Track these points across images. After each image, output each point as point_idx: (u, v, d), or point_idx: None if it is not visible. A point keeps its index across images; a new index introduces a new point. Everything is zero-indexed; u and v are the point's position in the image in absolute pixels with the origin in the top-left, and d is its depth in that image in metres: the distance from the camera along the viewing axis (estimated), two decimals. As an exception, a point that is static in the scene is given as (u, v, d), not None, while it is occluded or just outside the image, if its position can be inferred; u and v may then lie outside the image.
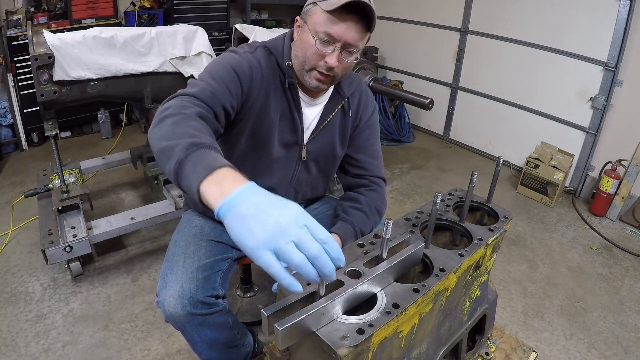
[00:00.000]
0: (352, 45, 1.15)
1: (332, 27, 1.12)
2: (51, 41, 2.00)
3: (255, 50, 1.27)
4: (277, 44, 1.28)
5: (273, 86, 1.26)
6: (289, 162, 1.38)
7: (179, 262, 1.26)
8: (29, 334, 1.89)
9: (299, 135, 1.34)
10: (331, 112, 1.35)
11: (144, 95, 2.37)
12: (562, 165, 3.26)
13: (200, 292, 1.21)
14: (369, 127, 1.44)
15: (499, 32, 3.71)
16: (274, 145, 1.31)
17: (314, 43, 1.14)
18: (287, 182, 1.41)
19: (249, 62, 1.22)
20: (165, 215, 2.36)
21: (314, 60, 1.17)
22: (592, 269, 2.59)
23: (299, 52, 1.21)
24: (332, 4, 1.09)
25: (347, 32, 1.12)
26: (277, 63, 1.26)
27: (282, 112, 1.29)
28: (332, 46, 1.14)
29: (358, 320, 0.86)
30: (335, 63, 1.15)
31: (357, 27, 1.13)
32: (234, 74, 1.18)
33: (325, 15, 1.11)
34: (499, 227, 1.22)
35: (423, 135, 4.56)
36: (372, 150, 1.46)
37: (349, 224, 1.35)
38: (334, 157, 1.43)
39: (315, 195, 1.55)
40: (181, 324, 1.22)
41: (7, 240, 2.48)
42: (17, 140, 3.55)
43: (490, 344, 1.47)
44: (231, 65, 1.19)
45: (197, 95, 1.09)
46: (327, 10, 1.10)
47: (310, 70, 1.20)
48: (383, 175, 1.49)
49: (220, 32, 4.22)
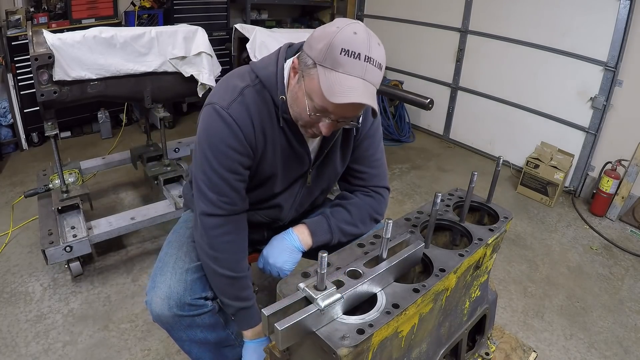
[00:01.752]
0: (350, 118, 1.06)
1: (330, 105, 0.99)
2: (51, 41, 2.00)
3: (241, 94, 1.12)
4: (269, 75, 1.13)
5: (269, 126, 1.16)
6: (292, 190, 1.33)
7: (169, 263, 1.26)
8: (29, 334, 1.89)
9: (305, 166, 1.27)
10: (334, 135, 1.25)
11: (144, 95, 2.37)
12: (562, 165, 3.25)
13: (188, 294, 1.21)
14: (369, 137, 1.34)
15: (499, 32, 3.71)
16: (277, 182, 1.26)
17: (307, 111, 1.03)
18: (288, 206, 1.37)
19: (236, 122, 1.10)
20: (165, 215, 2.37)
21: (307, 123, 1.08)
22: (592, 269, 2.59)
23: (292, 104, 1.09)
24: (333, 94, 0.94)
25: (346, 113, 1.02)
26: (272, 98, 1.14)
27: (283, 148, 1.20)
28: (327, 118, 1.04)
29: (358, 320, 0.86)
30: (329, 133, 1.07)
31: (358, 108, 1.03)
32: (229, 151, 1.11)
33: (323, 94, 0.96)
34: (499, 227, 1.22)
35: (423, 135, 4.56)
36: (372, 160, 1.37)
37: (325, 218, 1.33)
38: (335, 176, 1.38)
39: (314, 207, 1.52)
40: (168, 325, 1.23)
41: (7, 240, 2.48)
42: (17, 140, 3.55)
43: (490, 344, 1.47)
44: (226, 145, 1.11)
45: (223, 212, 1.18)
46: (328, 98, 0.95)
47: (303, 126, 1.11)
48: (385, 184, 1.42)
49: (220, 32, 4.22)
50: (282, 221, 1.41)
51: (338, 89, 0.94)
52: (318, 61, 0.97)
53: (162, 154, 2.73)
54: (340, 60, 0.95)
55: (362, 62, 0.95)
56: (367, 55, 0.96)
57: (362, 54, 0.95)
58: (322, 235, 1.31)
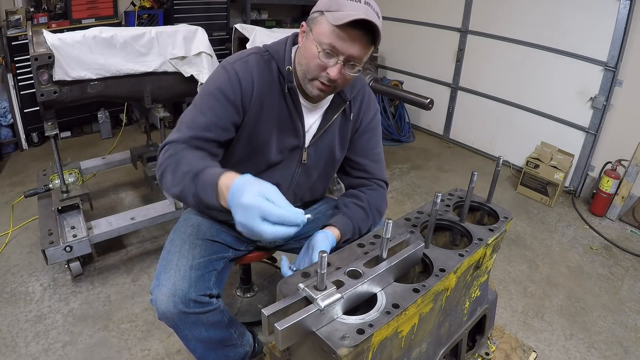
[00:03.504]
0: (356, 58, 1.14)
1: (336, 40, 1.11)
2: (51, 41, 2.00)
3: (247, 57, 1.25)
4: (278, 48, 1.27)
5: (269, 92, 1.25)
6: (288, 166, 1.37)
7: (173, 261, 1.27)
8: (29, 334, 1.89)
9: (300, 139, 1.33)
10: (332, 116, 1.34)
11: (144, 95, 2.37)
12: (562, 165, 3.26)
13: (193, 291, 1.21)
14: (370, 131, 1.43)
15: (499, 32, 3.71)
16: (271, 152, 1.31)
17: (317, 54, 1.14)
18: (286, 185, 1.40)
19: (237, 75, 1.21)
20: (165, 215, 2.37)
21: (316, 71, 1.17)
22: (592, 269, 2.59)
23: (302, 59, 1.20)
24: (339, 19, 1.08)
25: (352, 46, 1.12)
26: (279, 68, 1.25)
27: (281, 117, 1.28)
28: (335, 59, 1.13)
29: (358, 320, 0.86)
30: (337, 76, 1.15)
31: (362, 41, 1.12)
32: (221, 97, 1.20)
33: (330, 27, 1.10)
34: (499, 227, 1.22)
35: (423, 135, 4.56)
36: (373, 154, 1.44)
37: (349, 218, 1.34)
38: (333, 160, 1.42)
39: (314, 198, 1.55)
40: (174, 322, 1.23)
41: (7, 240, 2.48)
42: (17, 140, 3.55)
43: (490, 344, 1.47)
44: (218, 88, 1.21)
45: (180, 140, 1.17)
46: (334, 24, 1.09)
47: (312, 79, 1.19)
48: (385, 178, 1.48)
49: (220, 32, 4.22)
50: None
51: (343, 17, 1.08)
52: (325, 9, 1.12)
53: (162, 154, 2.72)
54: (343, 2, 1.10)
55: (363, 4, 1.09)
56: (366, 1, 1.11)
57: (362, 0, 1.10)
58: (347, 235, 1.32)
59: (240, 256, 1.52)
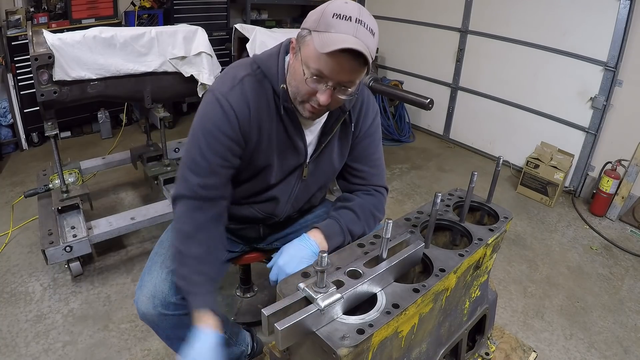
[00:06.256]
0: (347, 83, 1.05)
1: (324, 67, 1.01)
2: (51, 41, 2.00)
3: (241, 81, 1.15)
4: (270, 65, 1.17)
5: (267, 115, 1.17)
6: (288, 182, 1.32)
7: (157, 263, 1.27)
8: (29, 334, 1.89)
9: (301, 157, 1.27)
10: (333, 129, 1.27)
11: (144, 95, 2.37)
12: (562, 165, 3.25)
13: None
14: (370, 136, 1.35)
15: (498, 32, 3.71)
16: (272, 174, 1.26)
17: (305, 79, 1.05)
18: (284, 199, 1.36)
19: (233, 108, 1.13)
20: (165, 215, 2.37)
21: (305, 94, 1.08)
22: (592, 269, 2.59)
23: (292, 81, 1.12)
24: (325, 45, 0.98)
25: (340, 73, 1.02)
26: (272, 87, 1.16)
27: (280, 139, 1.21)
28: (324, 84, 1.04)
29: (358, 320, 0.86)
30: (327, 101, 1.06)
31: (352, 66, 1.01)
32: (220, 135, 1.13)
33: (317, 52, 1.00)
34: (499, 227, 1.22)
35: (423, 135, 4.56)
36: (371, 160, 1.37)
37: (335, 220, 1.30)
38: (332, 172, 1.38)
39: (311, 205, 1.52)
40: (154, 324, 1.24)
41: (7, 240, 2.48)
42: (17, 140, 3.55)
43: (490, 344, 1.47)
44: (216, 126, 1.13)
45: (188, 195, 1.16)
46: (320, 51, 0.98)
47: (302, 102, 1.11)
48: (384, 184, 1.42)
49: (220, 32, 4.22)
50: (277, 217, 1.40)
51: (329, 43, 0.98)
52: (312, 28, 1.02)
53: (162, 154, 2.73)
54: (332, 22, 0.99)
55: (353, 23, 0.99)
56: (357, 18, 1.00)
57: (353, 17, 1.00)
58: (336, 238, 1.27)
59: (236, 257, 1.52)
